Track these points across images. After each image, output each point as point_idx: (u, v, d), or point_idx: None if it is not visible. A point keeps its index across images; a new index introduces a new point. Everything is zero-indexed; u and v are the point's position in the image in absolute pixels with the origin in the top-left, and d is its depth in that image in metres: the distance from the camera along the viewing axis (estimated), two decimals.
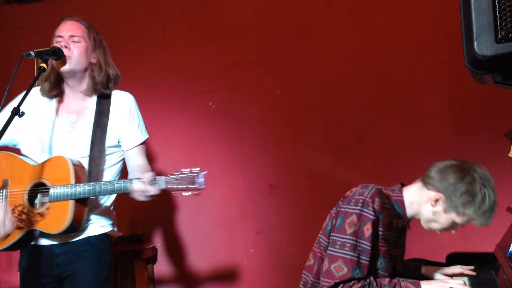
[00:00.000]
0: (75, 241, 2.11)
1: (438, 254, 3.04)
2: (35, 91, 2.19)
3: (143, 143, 2.26)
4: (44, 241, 2.11)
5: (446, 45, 3.13)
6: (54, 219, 2.01)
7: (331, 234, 1.90)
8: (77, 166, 2.06)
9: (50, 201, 2.01)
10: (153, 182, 1.95)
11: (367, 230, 1.81)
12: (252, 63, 3.53)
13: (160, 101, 3.56)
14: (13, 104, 2.10)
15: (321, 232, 2.01)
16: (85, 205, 2.05)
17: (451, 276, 2.10)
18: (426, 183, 1.92)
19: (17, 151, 2.21)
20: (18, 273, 2.17)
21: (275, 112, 3.47)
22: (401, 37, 3.30)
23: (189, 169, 1.94)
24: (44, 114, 2.18)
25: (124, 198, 2.64)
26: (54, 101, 2.20)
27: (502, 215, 2.99)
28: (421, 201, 1.93)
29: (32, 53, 1.99)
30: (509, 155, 2.35)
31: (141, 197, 1.99)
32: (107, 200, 2.23)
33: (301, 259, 2.12)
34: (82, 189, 1.99)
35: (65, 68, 2.10)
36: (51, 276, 2.10)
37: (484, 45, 1.02)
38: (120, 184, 1.99)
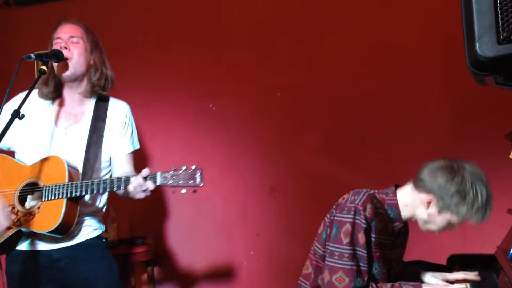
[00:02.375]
0: (75, 245, 2.10)
1: (439, 256, 3.03)
2: (33, 93, 2.18)
3: (133, 153, 2.28)
4: (41, 246, 2.08)
5: (447, 47, 3.13)
6: (46, 218, 1.99)
7: (327, 243, 1.90)
8: (72, 168, 2.05)
9: (42, 201, 2.00)
10: (149, 177, 1.95)
11: (361, 238, 1.82)
12: (252, 65, 3.53)
13: (160, 103, 3.56)
14: (10, 105, 2.08)
15: (315, 240, 2.01)
16: (77, 204, 2.03)
17: (453, 282, 2.07)
18: (417, 186, 1.91)
19: (11, 154, 2.20)
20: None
21: (275, 114, 3.47)
22: (401, 39, 3.30)
23: (185, 166, 1.93)
24: (41, 117, 2.17)
25: (123, 201, 2.63)
26: (51, 105, 2.20)
27: (503, 216, 2.99)
28: (414, 204, 1.92)
29: (32, 56, 1.99)
30: (510, 156, 2.34)
31: (137, 194, 1.97)
32: (100, 201, 2.22)
33: (301, 261, 2.11)
34: (76, 186, 1.97)
35: (66, 74, 2.11)
36: (52, 281, 2.08)
37: (486, 46, 1.02)
38: (116, 181, 1.97)
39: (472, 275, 1.97)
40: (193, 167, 1.93)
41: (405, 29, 3.30)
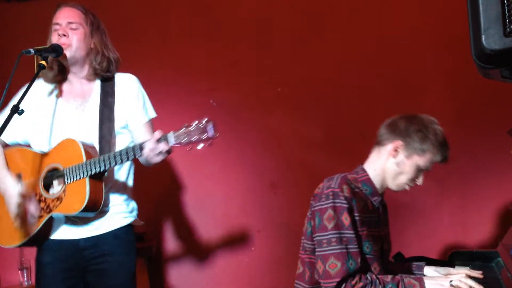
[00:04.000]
0: (101, 234, 2.10)
1: (441, 252, 3.04)
2: (38, 83, 2.17)
3: (150, 121, 2.25)
4: (69, 235, 2.10)
5: (449, 42, 3.12)
6: (73, 199, 1.98)
7: (314, 235, 1.91)
8: (88, 146, 2.04)
9: (65, 184, 2.00)
10: (162, 139, 1.90)
11: (346, 219, 1.83)
12: (253, 61, 3.52)
13: (160, 99, 3.51)
14: (14, 101, 2.09)
15: (303, 237, 2.02)
16: (101, 181, 2.02)
17: None
18: (381, 143, 2.02)
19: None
20: (22, 271, 2.15)
21: (276, 110, 3.46)
22: (402, 34, 3.29)
23: (196, 121, 1.87)
24: (49, 103, 2.17)
25: None
26: (57, 89, 2.20)
27: (505, 212, 2.99)
28: (381, 162, 2.00)
29: (32, 51, 1.98)
30: None
31: (153, 159, 1.93)
32: (125, 176, 2.21)
33: None
34: (94, 163, 1.96)
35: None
36: (77, 270, 2.10)
37: (492, 38, 1.01)
38: (131, 150, 1.94)
39: (475, 273, 1.96)
40: (204, 120, 1.86)
41: (406, 25, 3.28)
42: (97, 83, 2.20)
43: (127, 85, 2.22)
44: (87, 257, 2.09)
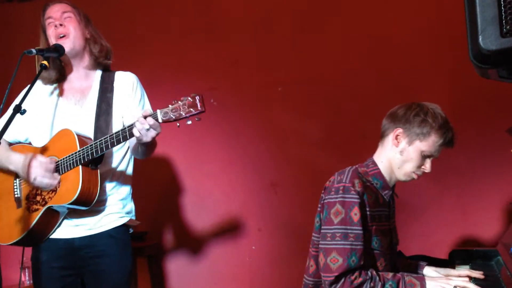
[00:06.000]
0: (96, 234, 2.11)
1: (441, 251, 3.04)
2: (39, 84, 2.19)
3: None
4: (65, 234, 2.11)
5: (448, 41, 3.12)
6: (66, 189, 1.99)
7: (321, 228, 1.90)
8: (83, 136, 2.05)
9: (60, 174, 2.01)
10: (150, 115, 1.87)
11: (355, 215, 1.81)
12: (253, 60, 3.53)
13: (161, 98, 3.53)
14: (16, 101, 2.12)
15: (313, 231, 2.01)
16: (96, 172, 2.01)
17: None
18: (384, 134, 2.04)
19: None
20: (24, 270, 2.16)
21: (276, 109, 3.47)
22: (403, 34, 3.28)
23: (184, 97, 1.85)
24: (50, 102, 2.19)
25: None
26: (57, 88, 2.22)
27: (505, 211, 3.00)
28: (386, 151, 2.01)
29: (33, 51, 2.00)
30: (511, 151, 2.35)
31: (145, 137, 1.89)
32: (124, 176, 2.21)
33: (303, 256, 2.12)
34: (86, 150, 1.95)
35: (67, 50, 2.11)
36: (73, 268, 2.11)
37: (489, 39, 1.01)
38: (121, 132, 1.92)
39: (476, 273, 1.95)
40: (192, 95, 1.85)
41: (406, 24, 3.28)
42: (97, 76, 2.22)
43: (125, 81, 2.24)
44: (84, 257, 2.10)
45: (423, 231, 3.15)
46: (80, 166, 1.96)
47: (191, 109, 1.82)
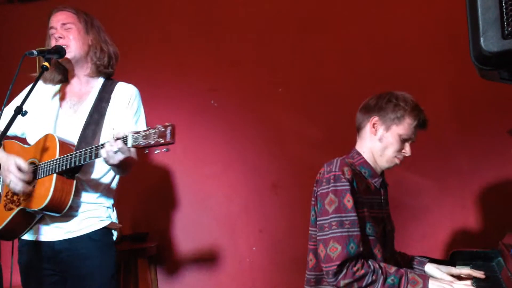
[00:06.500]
0: (76, 237, 2.09)
1: (442, 252, 3.04)
2: (40, 85, 2.19)
3: None
4: (44, 237, 2.10)
5: (450, 42, 3.12)
6: (39, 194, 1.99)
7: (317, 220, 1.91)
8: (66, 144, 2.04)
9: (36, 179, 2.01)
10: (121, 138, 1.83)
11: (348, 201, 1.84)
12: (254, 61, 3.53)
13: (162, 100, 3.56)
14: (16, 102, 2.13)
15: (310, 227, 2.02)
16: (72, 181, 2.00)
17: (458, 277, 2.06)
18: (359, 127, 2.11)
19: (23, 140, 2.24)
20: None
21: (277, 110, 3.47)
22: (404, 35, 3.29)
23: (159, 125, 1.80)
24: (47, 101, 2.20)
25: (126, 197, 2.63)
26: (58, 89, 2.22)
27: (506, 211, 2.99)
28: (365, 142, 2.06)
29: (35, 52, 1.99)
30: None
31: (111, 160, 1.86)
32: (107, 181, 2.18)
33: (304, 257, 2.12)
34: (62, 159, 1.95)
35: (68, 59, 2.12)
36: (55, 273, 2.11)
37: (490, 41, 1.02)
38: (94, 149, 1.90)
39: (477, 273, 1.95)
40: (166, 124, 1.79)
41: (407, 25, 3.29)
42: (99, 84, 2.22)
43: (124, 93, 2.20)
44: (65, 260, 2.08)
45: (424, 232, 3.15)
46: (55, 175, 1.96)
47: (160, 140, 1.78)
